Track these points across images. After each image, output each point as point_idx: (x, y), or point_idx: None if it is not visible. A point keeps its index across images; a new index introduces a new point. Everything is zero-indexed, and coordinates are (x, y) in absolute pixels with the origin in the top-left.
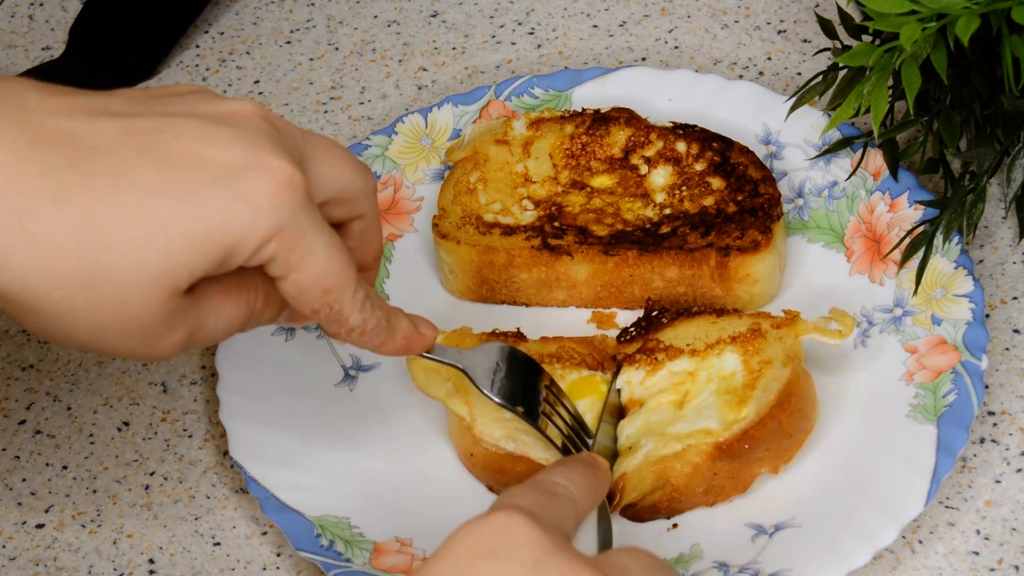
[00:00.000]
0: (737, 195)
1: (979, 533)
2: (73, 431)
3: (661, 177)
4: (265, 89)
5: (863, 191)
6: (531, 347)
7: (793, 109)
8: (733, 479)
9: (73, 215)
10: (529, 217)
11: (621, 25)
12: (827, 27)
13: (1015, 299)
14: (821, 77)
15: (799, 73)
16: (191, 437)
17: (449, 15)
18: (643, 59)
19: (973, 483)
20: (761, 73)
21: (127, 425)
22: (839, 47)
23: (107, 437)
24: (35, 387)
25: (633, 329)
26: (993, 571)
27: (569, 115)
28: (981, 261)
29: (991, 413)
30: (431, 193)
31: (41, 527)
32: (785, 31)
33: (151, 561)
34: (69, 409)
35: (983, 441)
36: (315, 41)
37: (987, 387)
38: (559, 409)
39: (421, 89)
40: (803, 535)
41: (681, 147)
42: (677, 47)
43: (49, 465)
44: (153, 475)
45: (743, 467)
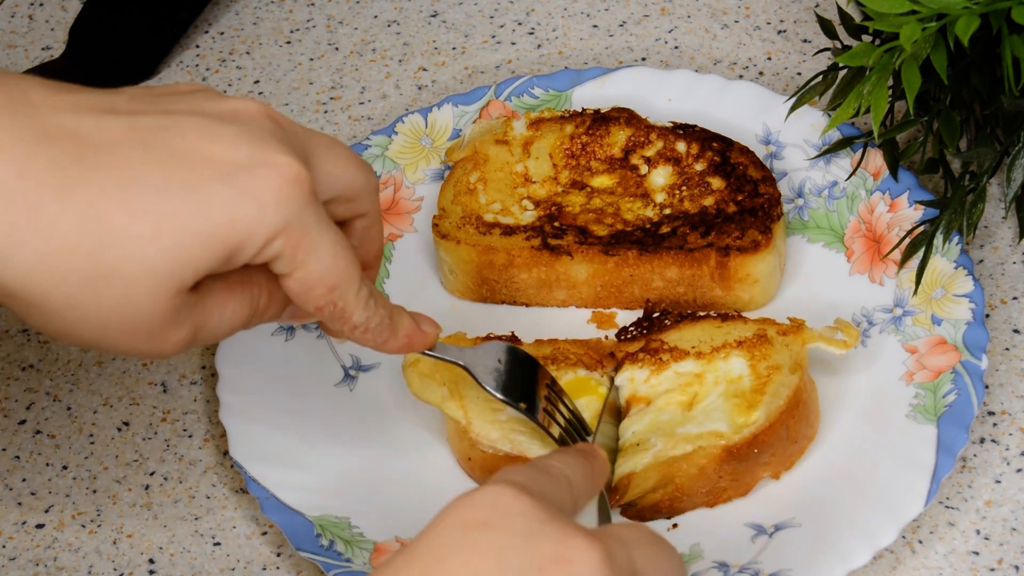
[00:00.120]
0: (737, 195)
1: (979, 533)
2: (73, 431)
3: (661, 177)
4: (265, 89)
5: (863, 191)
6: (526, 350)
7: (793, 109)
8: (736, 482)
9: (79, 211)
10: (529, 217)
11: (621, 25)
12: (827, 27)
13: (1015, 299)
14: (821, 77)
15: (799, 73)
16: (191, 437)
17: (449, 15)
18: (643, 59)
19: (973, 483)
20: (761, 73)
21: (127, 425)
22: (839, 47)
23: (107, 437)
24: (35, 387)
25: (634, 328)
26: (993, 571)
27: (569, 115)
28: (981, 261)
29: (991, 413)
30: (431, 193)
31: (41, 527)
32: (785, 31)
33: (151, 561)
34: (69, 409)
35: (983, 441)
36: (315, 41)
37: (987, 387)
38: (559, 407)
39: (421, 89)
40: (803, 535)
41: (681, 147)
42: (677, 47)
43: (49, 465)
44: (153, 475)
45: (747, 470)
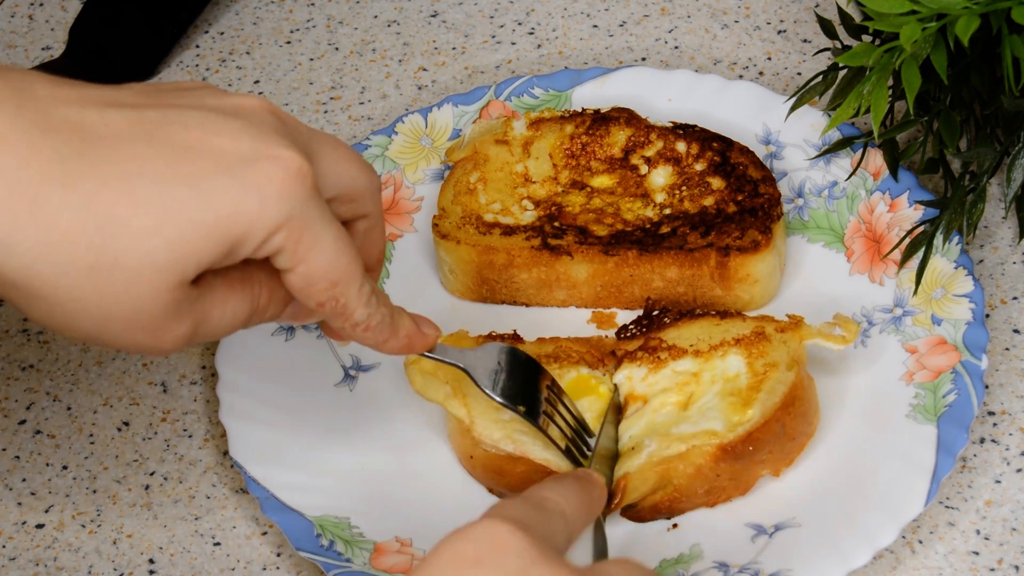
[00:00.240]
0: (737, 195)
1: (979, 533)
2: (73, 431)
3: (661, 177)
4: (265, 89)
5: (863, 191)
6: (528, 349)
7: (793, 109)
8: (735, 480)
9: (82, 202)
10: (529, 217)
11: (621, 25)
12: (827, 27)
13: (1015, 299)
14: (821, 77)
15: (799, 73)
16: (191, 437)
17: (449, 15)
18: (643, 59)
19: (973, 483)
20: (761, 73)
21: (127, 425)
22: (839, 47)
23: (107, 437)
24: (35, 387)
25: (633, 327)
26: (993, 571)
27: (569, 115)
28: (981, 261)
29: (991, 413)
30: (431, 193)
31: (41, 527)
32: (785, 31)
33: (151, 561)
34: (69, 409)
35: (983, 441)
36: (315, 41)
37: (987, 387)
38: (560, 409)
39: (421, 89)
40: (803, 535)
41: (681, 147)
42: (677, 47)
43: (49, 465)
44: (153, 475)
45: (745, 469)
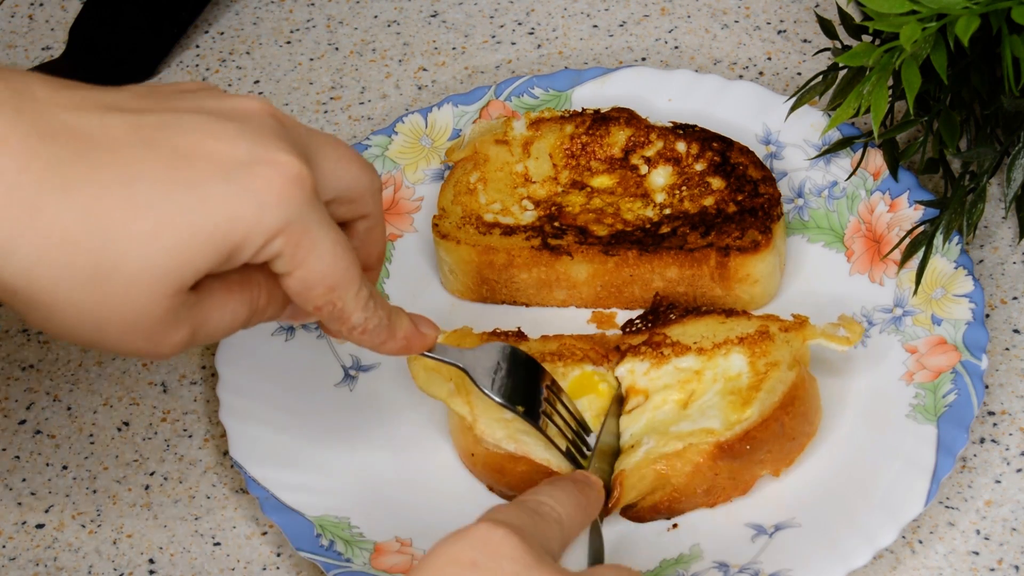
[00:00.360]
0: (737, 195)
1: (979, 533)
2: (73, 431)
3: (661, 177)
4: (265, 89)
5: (863, 191)
6: (532, 346)
7: (793, 109)
8: (734, 480)
9: (80, 208)
10: (529, 217)
11: (621, 25)
12: (827, 27)
13: (1015, 299)
14: (821, 77)
15: (799, 73)
16: (191, 437)
17: (449, 15)
18: (643, 59)
19: (973, 483)
20: (761, 73)
21: (127, 425)
22: (839, 47)
23: (107, 437)
24: (35, 387)
25: (639, 321)
26: (993, 571)
27: (569, 115)
28: (981, 261)
29: (991, 413)
30: (431, 193)
31: (41, 527)
32: (785, 31)
33: (151, 561)
34: (69, 409)
35: (983, 441)
36: (315, 41)
37: (987, 387)
38: (560, 409)
39: (421, 89)
40: (803, 535)
41: (681, 147)
42: (677, 47)
43: (49, 465)
44: (153, 475)
45: (744, 468)
